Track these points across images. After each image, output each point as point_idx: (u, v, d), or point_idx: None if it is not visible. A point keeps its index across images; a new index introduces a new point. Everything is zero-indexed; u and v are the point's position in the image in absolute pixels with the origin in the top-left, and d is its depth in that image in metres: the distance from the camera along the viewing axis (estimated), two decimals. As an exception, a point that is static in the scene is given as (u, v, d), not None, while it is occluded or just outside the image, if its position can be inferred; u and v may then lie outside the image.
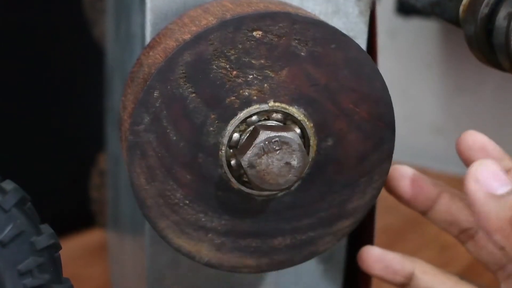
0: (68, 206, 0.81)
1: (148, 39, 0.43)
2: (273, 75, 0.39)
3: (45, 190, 0.76)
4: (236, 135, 0.40)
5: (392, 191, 0.47)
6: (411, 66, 1.06)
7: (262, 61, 0.39)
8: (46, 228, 0.38)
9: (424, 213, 0.47)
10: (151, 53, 0.40)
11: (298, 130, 0.40)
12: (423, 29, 1.03)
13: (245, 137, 0.40)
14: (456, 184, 0.47)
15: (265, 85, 0.39)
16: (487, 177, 0.39)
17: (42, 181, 0.77)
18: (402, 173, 0.47)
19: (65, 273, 0.39)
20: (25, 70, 0.76)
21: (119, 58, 0.58)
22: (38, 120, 0.78)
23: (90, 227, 0.78)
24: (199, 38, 0.38)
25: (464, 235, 0.47)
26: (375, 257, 0.47)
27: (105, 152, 0.70)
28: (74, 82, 0.80)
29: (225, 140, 0.40)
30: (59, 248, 0.38)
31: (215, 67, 0.39)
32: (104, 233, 0.75)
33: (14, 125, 0.77)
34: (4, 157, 0.75)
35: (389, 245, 0.48)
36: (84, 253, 0.76)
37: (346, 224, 0.43)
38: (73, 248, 0.76)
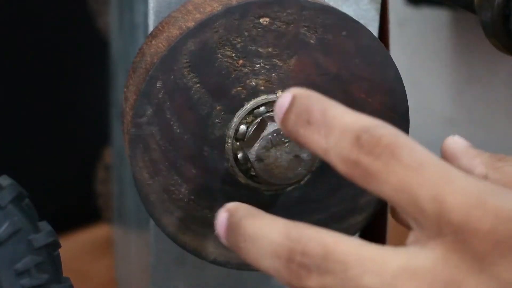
0: (73, 200, 0.80)
1: (151, 28, 0.42)
2: (281, 64, 0.38)
3: (50, 184, 0.76)
4: (243, 127, 0.39)
5: None
6: (420, 56, 1.05)
7: (270, 50, 0.38)
8: (44, 225, 0.37)
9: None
10: (153, 42, 0.39)
11: (307, 122, 0.39)
12: (433, 18, 1.02)
13: (252, 129, 0.38)
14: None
15: (273, 74, 0.38)
16: None
17: (47, 175, 0.77)
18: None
19: (70, 269, 0.38)
20: (28, 62, 0.76)
21: (123, 50, 0.57)
22: (43, 114, 0.77)
23: (96, 222, 0.77)
24: (204, 25, 0.37)
25: None
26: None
27: (110, 146, 0.70)
28: (78, 74, 0.80)
29: (231, 133, 0.39)
30: (58, 246, 0.37)
31: (220, 56, 0.38)
32: (110, 228, 0.74)
33: (19, 119, 0.76)
34: (8, 150, 0.74)
35: (401, 238, 0.47)
36: (90, 248, 0.76)
37: (359, 220, 0.42)
38: (78, 243, 0.75)
